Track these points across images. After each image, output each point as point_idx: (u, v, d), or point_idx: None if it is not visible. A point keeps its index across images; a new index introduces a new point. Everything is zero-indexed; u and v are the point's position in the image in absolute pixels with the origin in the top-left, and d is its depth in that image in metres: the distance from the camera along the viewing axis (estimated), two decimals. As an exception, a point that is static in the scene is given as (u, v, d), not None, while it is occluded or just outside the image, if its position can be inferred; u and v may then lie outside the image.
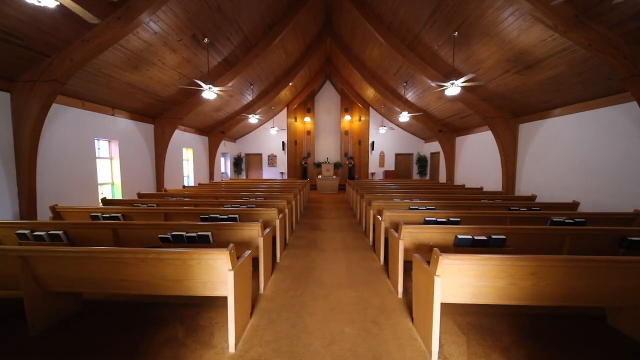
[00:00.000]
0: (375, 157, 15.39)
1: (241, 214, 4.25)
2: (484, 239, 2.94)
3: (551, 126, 6.48)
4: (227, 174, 14.75)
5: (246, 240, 3.25)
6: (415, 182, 10.89)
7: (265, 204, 5.16)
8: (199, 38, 5.90)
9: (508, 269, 2.10)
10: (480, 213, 4.17)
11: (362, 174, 15.70)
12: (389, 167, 15.29)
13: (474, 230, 3.12)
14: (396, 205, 5.05)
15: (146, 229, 3.32)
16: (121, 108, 6.88)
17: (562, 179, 6.16)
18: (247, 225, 3.20)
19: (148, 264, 2.26)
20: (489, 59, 5.84)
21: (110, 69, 5.31)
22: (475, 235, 2.98)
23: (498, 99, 7.10)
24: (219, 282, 2.25)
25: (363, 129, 15.58)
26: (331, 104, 15.91)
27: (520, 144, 7.58)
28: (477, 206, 5.10)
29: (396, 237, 3.23)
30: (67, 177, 5.44)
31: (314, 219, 7.31)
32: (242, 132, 14.84)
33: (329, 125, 16.00)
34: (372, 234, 5.15)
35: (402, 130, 15.06)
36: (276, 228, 4.24)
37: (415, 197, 6.09)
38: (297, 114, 15.77)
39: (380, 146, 15.28)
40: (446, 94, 6.10)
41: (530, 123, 7.14)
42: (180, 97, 7.69)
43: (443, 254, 2.08)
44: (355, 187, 8.30)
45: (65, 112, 5.44)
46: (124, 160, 7.12)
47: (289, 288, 3.31)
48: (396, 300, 3.03)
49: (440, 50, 6.62)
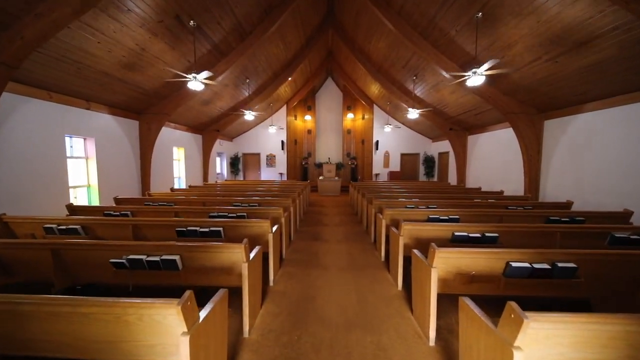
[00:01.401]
0: (380, 157, 14.55)
1: (227, 227, 3.47)
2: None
3: (585, 122, 5.69)
4: (224, 175, 13.97)
5: (226, 266, 2.47)
6: (426, 185, 10.10)
7: (258, 213, 4.38)
8: (184, 20, 5.13)
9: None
10: (524, 228, 3.38)
11: (366, 175, 14.88)
12: (394, 167, 14.49)
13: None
14: (412, 213, 4.26)
15: (97, 250, 2.54)
16: (98, 102, 6.11)
17: (597, 183, 5.37)
18: (228, 249, 2.42)
19: (62, 319, 1.48)
20: (517, 44, 5.06)
21: (79, 54, 4.54)
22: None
23: (522, 93, 6.31)
24: (172, 346, 1.48)
25: (367, 128, 14.76)
26: (333, 102, 15.04)
27: (546, 143, 6.78)
28: (511, 217, 4.31)
29: (425, 263, 2.45)
30: (28, 180, 4.67)
31: (315, 227, 6.52)
32: (240, 131, 14.06)
33: (330, 123, 15.13)
34: (384, 248, 4.36)
35: (408, 129, 14.26)
36: (269, 243, 3.46)
37: (431, 204, 5.30)
38: (297, 111, 14.97)
39: (385, 146, 14.47)
40: (468, 85, 5.31)
41: (558, 119, 6.35)
42: (166, 90, 6.92)
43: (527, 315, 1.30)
44: (360, 191, 7.51)
45: (26, 104, 4.67)
46: (102, 160, 6.34)
47: (283, 328, 2.52)
48: (427, 350, 2.25)
49: (458, 37, 5.84)
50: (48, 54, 4.26)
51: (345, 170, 14.87)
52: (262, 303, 2.98)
